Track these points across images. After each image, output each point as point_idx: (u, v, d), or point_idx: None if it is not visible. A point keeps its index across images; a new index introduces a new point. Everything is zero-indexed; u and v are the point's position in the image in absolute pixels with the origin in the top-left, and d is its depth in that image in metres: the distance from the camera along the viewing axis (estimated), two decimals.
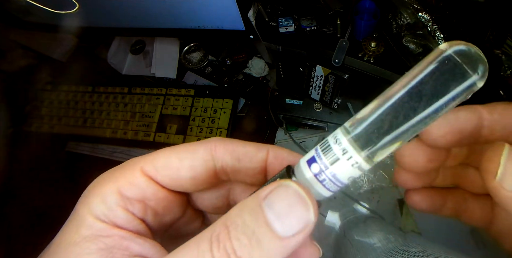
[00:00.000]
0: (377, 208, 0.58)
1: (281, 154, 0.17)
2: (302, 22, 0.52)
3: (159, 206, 0.16)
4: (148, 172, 0.16)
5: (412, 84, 0.14)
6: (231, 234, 0.12)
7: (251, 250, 0.11)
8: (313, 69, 0.52)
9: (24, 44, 0.74)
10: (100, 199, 0.15)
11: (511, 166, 0.13)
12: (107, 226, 0.14)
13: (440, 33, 0.42)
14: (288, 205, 0.12)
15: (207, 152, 0.16)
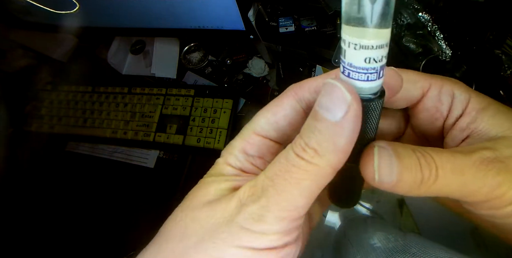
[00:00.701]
0: (377, 208, 0.58)
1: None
2: (302, 22, 0.52)
3: (272, 155, 0.20)
4: (259, 132, 0.19)
5: None
6: (302, 134, 0.15)
7: (316, 139, 0.15)
8: (313, 69, 0.52)
9: (24, 44, 0.74)
10: (233, 156, 0.19)
11: (382, 164, 0.16)
12: (240, 172, 0.19)
13: (440, 33, 0.42)
14: (328, 97, 0.15)
15: (290, 99, 0.19)
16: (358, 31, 0.13)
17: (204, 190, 0.18)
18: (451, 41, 0.42)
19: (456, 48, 0.42)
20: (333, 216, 0.59)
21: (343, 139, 0.14)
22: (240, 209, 0.16)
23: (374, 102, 0.15)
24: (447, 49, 0.42)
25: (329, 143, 0.14)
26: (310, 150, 0.15)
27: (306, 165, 0.15)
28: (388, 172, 0.16)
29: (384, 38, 0.14)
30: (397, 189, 0.16)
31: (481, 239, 0.52)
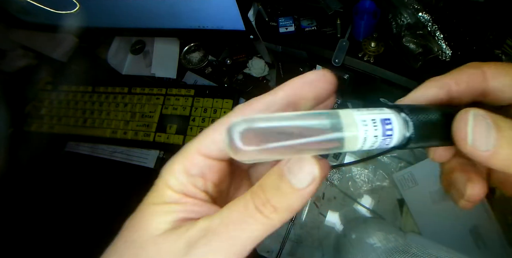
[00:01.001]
0: (377, 208, 0.58)
1: (296, 82, 0.18)
2: (302, 22, 0.52)
3: (216, 178, 0.20)
4: (203, 152, 0.19)
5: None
6: (264, 189, 0.16)
7: (279, 199, 0.16)
8: (313, 69, 0.52)
9: (24, 44, 0.74)
10: (175, 178, 0.19)
11: (478, 131, 0.15)
12: (182, 196, 0.18)
13: (440, 33, 0.42)
14: (300, 167, 0.16)
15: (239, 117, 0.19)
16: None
17: (146, 221, 0.18)
18: (451, 41, 0.42)
19: (456, 48, 0.42)
20: (333, 216, 0.59)
21: (300, 203, 0.16)
22: (188, 250, 0.16)
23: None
24: (447, 49, 0.42)
25: (288, 204, 0.16)
26: (271, 207, 0.16)
27: (262, 218, 0.16)
28: (484, 140, 0.15)
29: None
30: (493, 161, 0.15)
31: (481, 239, 0.52)
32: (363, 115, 0.16)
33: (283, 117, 0.16)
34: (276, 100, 0.18)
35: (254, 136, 0.15)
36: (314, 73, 0.19)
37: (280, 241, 0.59)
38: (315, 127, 0.15)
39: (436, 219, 0.54)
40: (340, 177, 0.60)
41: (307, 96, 0.18)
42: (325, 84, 0.19)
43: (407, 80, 0.46)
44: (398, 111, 0.17)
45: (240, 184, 0.23)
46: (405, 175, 0.57)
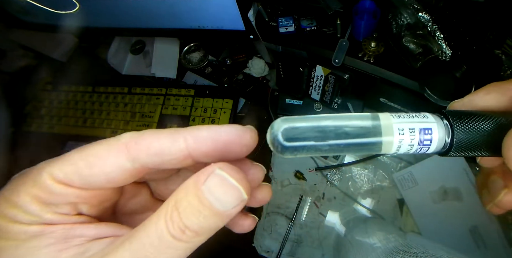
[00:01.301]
0: (377, 208, 0.58)
1: (200, 136, 0.16)
2: (302, 22, 0.52)
3: (92, 201, 0.17)
4: (60, 179, 0.16)
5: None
6: (181, 215, 0.14)
7: (200, 224, 0.14)
8: (313, 69, 0.52)
9: (24, 44, 0.74)
10: (21, 210, 0.15)
11: None
12: (43, 227, 0.16)
13: (440, 33, 0.42)
14: (224, 191, 0.15)
15: (120, 155, 0.16)
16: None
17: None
18: (451, 41, 0.42)
19: (456, 48, 0.42)
20: (333, 216, 0.59)
21: (224, 223, 0.15)
22: None
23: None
24: (447, 49, 0.42)
25: (211, 227, 0.15)
26: (191, 232, 0.14)
27: (182, 245, 0.15)
28: None
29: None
30: None
31: (481, 239, 0.52)
32: (401, 123, 0.16)
33: (323, 118, 0.16)
34: (173, 149, 0.16)
35: (296, 134, 0.16)
36: (233, 130, 0.16)
37: (280, 241, 0.59)
38: (354, 128, 0.16)
39: (436, 219, 0.54)
40: (340, 177, 0.60)
41: (211, 156, 0.16)
42: (240, 148, 0.17)
43: (407, 80, 0.46)
44: (441, 118, 0.17)
45: (137, 189, 0.21)
46: (405, 175, 0.57)
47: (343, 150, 0.16)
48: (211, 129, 0.16)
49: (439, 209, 0.55)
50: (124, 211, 0.21)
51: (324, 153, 0.16)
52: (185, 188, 0.15)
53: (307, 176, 0.61)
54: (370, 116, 0.16)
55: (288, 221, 0.60)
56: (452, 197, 0.54)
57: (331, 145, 0.16)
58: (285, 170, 0.62)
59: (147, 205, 0.22)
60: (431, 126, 0.16)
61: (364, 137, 0.16)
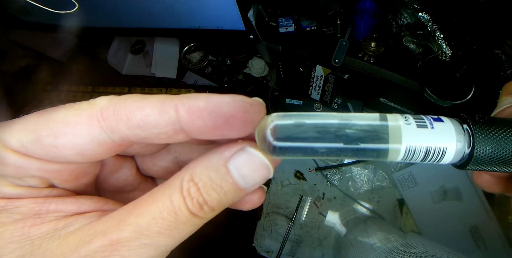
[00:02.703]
0: (377, 208, 0.58)
1: (196, 107, 0.13)
2: (302, 22, 0.52)
3: (64, 175, 0.15)
4: (14, 148, 0.13)
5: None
6: (201, 190, 0.13)
7: (220, 199, 0.14)
8: (313, 69, 0.52)
9: (24, 44, 0.74)
10: None
11: None
12: (4, 202, 0.14)
13: (440, 33, 0.42)
14: (252, 169, 0.14)
15: (93, 124, 0.13)
16: None
17: None
18: (451, 41, 0.42)
19: (456, 48, 0.42)
20: (333, 216, 0.59)
21: (239, 198, 0.15)
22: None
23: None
24: (447, 49, 0.42)
25: (228, 202, 0.14)
26: (208, 208, 0.14)
27: (197, 221, 0.14)
28: None
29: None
30: None
31: (481, 239, 0.52)
32: (411, 128, 0.14)
33: (322, 116, 0.14)
34: (161, 122, 0.13)
35: (289, 133, 0.14)
36: (237, 102, 0.14)
37: (280, 241, 0.59)
38: (358, 130, 0.14)
39: (436, 219, 0.54)
40: (340, 177, 0.60)
41: (207, 132, 0.14)
42: (244, 124, 0.14)
43: (407, 80, 0.46)
44: (461, 124, 0.14)
45: (120, 163, 0.19)
46: (405, 175, 0.57)
47: (341, 154, 0.14)
48: (210, 99, 0.13)
49: (439, 209, 0.55)
50: (105, 187, 0.18)
51: (319, 157, 0.14)
52: (204, 162, 0.14)
53: (307, 176, 0.61)
54: (378, 117, 0.14)
55: (288, 221, 0.60)
56: (452, 197, 0.54)
57: (329, 148, 0.14)
58: (285, 170, 0.62)
59: (133, 182, 0.19)
60: (448, 134, 0.14)
61: (368, 142, 0.14)
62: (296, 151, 0.14)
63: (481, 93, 0.40)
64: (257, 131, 0.14)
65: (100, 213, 0.14)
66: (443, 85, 0.42)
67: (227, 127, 0.13)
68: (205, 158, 0.14)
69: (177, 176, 0.14)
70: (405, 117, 0.14)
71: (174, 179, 0.14)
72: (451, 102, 0.41)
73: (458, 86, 0.42)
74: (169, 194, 0.13)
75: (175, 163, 0.19)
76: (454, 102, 0.41)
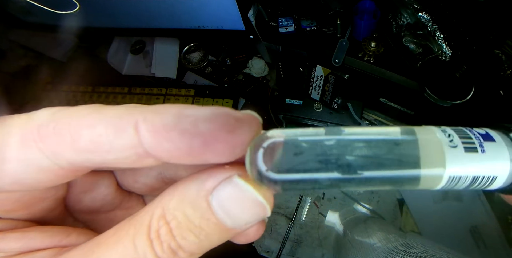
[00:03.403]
0: (377, 208, 0.58)
1: (161, 124, 0.10)
2: (302, 22, 0.52)
3: (6, 204, 0.12)
4: None
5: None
6: (174, 232, 0.10)
7: (200, 243, 0.11)
8: (313, 69, 0.52)
9: (24, 44, 0.74)
10: None
11: None
12: None
13: (440, 33, 0.42)
14: (241, 207, 0.11)
15: (27, 146, 0.10)
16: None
17: None
18: (451, 41, 0.42)
19: (456, 48, 0.42)
20: (333, 216, 0.59)
21: (228, 239, 0.11)
22: None
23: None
24: (447, 49, 0.42)
25: (212, 245, 0.11)
26: (185, 254, 0.10)
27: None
28: None
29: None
30: None
31: (481, 239, 0.52)
32: (454, 150, 0.10)
33: (322, 134, 0.11)
34: (118, 144, 0.10)
35: (286, 160, 0.10)
36: (219, 118, 0.10)
37: (280, 241, 0.59)
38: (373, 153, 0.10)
39: (436, 219, 0.54)
40: None
41: (180, 156, 0.10)
42: (229, 148, 0.10)
43: (407, 80, 0.46)
44: (507, 133, 0.12)
45: (94, 181, 0.15)
46: None
47: (358, 185, 0.11)
48: (181, 113, 0.10)
49: (439, 209, 0.55)
50: (79, 208, 0.15)
51: (328, 188, 0.11)
52: (180, 193, 0.11)
53: None
54: (399, 131, 0.11)
55: (288, 221, 0.60)
56: (452, 197, 0.54)
57: (339, 180, 0.10)
58: None
59: (112, 201, 0.16)
60: (501, 157, 0.11)
61: (392, 169, 0.10)
62: (298, 184, 0.11)
63: (481, 93, 0.40)
64: (247, 154, 0.11)
65: (57, 250, 0.11)
66: (443, 85, 0.42)
67: (207, 152, 0.10)
68: (182, 186, 0.11)
69: (147, 211, 0.11)
70: (445, 133, 0.11)
71: (144, 213, 0.11)
72: (451, 102, 0.41)
73: (458, 86, 0.42)
74: (133, 234, 0.10)
75: (160, 179, 0.16)
76: (454, 102, 0.41)
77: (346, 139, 0.11)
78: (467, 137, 0.11)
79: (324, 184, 0.11)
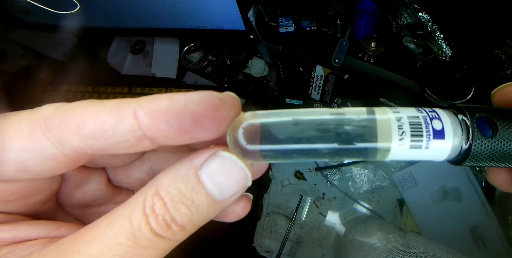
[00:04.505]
0: (377, 208, 0.58)
1: (157, 108, 0.11)
2: (302, 22, 0.52)
3: (5, 195, 0.13)
4: None
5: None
6: (168, 205, 0.11)
7: (191, 216, 0.12)
8: (313, 69, 0.52)
9: (24, 44, 0.74)
10: None
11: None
12: None
13: (440, 33, 0.42)
14: (227, 176, 0.12)
15: (37, 136, 0.11)
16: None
17: None
18: (451, 41, 0.42)
19: (456, 48, 0.42)
20: (333, 216, 0.59)
21: (216, 214, 0.13)
22: None
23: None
24: (447, 49, 0.42)
25: (202, 219, 0.12)
26: (178, 227, 0.12)
27: (164, 243, 0.12)
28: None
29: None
30: None
31: (481, 239, 0.52)
32: (401, 123, 0.12)
33: (299, 113, 0.13)
34: (119, 129, 0.12)
35: (263, 134, 0.12)
36: (204, 99, 0.12)
37: (280, 241, 0.59)
38: (340, 127, 0.12)
39: (436, 219, 0.54)
40: (340, 177, 0.60)
41: (175, 136, 0.12)
42: (216, 124, 0.12)
43: (407, 80, 0.46)
44: (456, 115, 0.13)
45: (86, 176, 0.16)
46: (405, 175, 0.57)
47: (323, 156, 0.13)
48: (173, 98, 0.12)
49: (439, 209, 0.55)
50: (70, 202, 0.16)
51: (302, 159, 0.13)
52: (172, 173, 0.12)
53: (307, 176, 0.61)
54: (365, 111, 0.13)
55: (288, 221, 0.60)
56: (452, 197, 0.54)
57: (308, 150, 0.12)
58: (285, 169, 0.62)
59: (103, 196, 0.17)
60: (443, 127, 0.12)
61: (353, 142, 0.12)
62: (273, 155, 0.13)
63: (481, 93, 0.40)
64: (228, 133, 0.13)
65: (47, 240, 0.12)
66: (443, 85, 0.42)
67: (197, 129, 0.12)
68: (173, 167, 0.12)
69: (140, 192, 0.12)
70: (394, 109, 0.13)
71: (137, 196, 0.12)
72: (451, 102, 0.41)
73: (458, 86, 0.42)
74: (128, 213, 0.11)
75: (151, 174, 0.17)
76: (454, 102, 0.41)
77: (312, 118, 0.13)
78: (419, 135, 0.12)
79: (299, 153, 0.13)
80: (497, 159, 0.13)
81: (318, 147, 0.12)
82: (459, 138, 0.13)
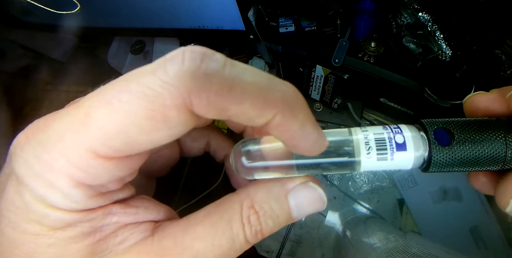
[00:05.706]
0: (377, 208, 0.58)
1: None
2: (302, 22, 0.52)
3: (132, 168, 0.13)
4: (100, 152, 0.12)
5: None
6: (261, 219, 0.14)
7: (273, 228, 0.14)
8: (313, 69, 0.52)
9: (24, 44, 0.74)
10: (61, 194, 0.12)
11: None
12: (83, 215, 0.12)
13: (440, 33, 0.42)
14: (309, 203, 0.15)
15: (183, 112, 0.12)
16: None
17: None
18: (451, 41, 0.42)
19: (456, 48, 0.42)
20: (333, 216, 0.59)
21: (283, 226, 0.15)
22: None
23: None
24: (447, 49, 0.42)
25: (275, 231, 0.15)
26: (261, 236, 0.14)
27: (246, 247, 0.14)
28: None
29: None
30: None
31: (481, 239, 0.52)
32: (368, 140, 0.14)
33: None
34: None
35: (257, 155, 0.15)
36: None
37: (280, 241, 0.59)
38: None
39: (436, 219, 0.54)
40: (340, 177, 0.60)
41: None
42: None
43: (407, 80, 0.46)
44: (418, 128, 0.15)
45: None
46: (405, 175, 0.57)
47: (310, 171, 0.15)
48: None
49: (439, 209, 0.55)
50: (148, 170, 0.19)
51: (287, 175, 0.15)
52: (266, 190, 0.15)
53: None
54: (347, 132, 0.15)
55: None
56: (452, 197, 0.54)
57: (298, 165, 0.15)
58: None
59: (171, 163, 0.21)
60: (405, 141, 0.14)
61: (336, 157, 0.14)
62: (264, 169, 0.15)
63: None
64: (232, 158, 0.15)
65: (153, 224, 0.14)
66: (443, 85, 0.42)
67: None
68: (266, 185, 0.15)
69: (236, 199, 0.14)
70: (365, 137, 0.14)
71: (233, 203, 0.14)
72: (451, 102, 0.41)
73: (458, 86, 0.42)
74: (228, 219, 0.14)
75: (207, 145, 0.21)
76: (454, 102, 0.41)
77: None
78: (383, 149, 0.14)
79: (291, 167, 0.15)
80: (458, 165, 0.15)
81: (298, 163, 0.15)
82: (421, 148, 0.14)
